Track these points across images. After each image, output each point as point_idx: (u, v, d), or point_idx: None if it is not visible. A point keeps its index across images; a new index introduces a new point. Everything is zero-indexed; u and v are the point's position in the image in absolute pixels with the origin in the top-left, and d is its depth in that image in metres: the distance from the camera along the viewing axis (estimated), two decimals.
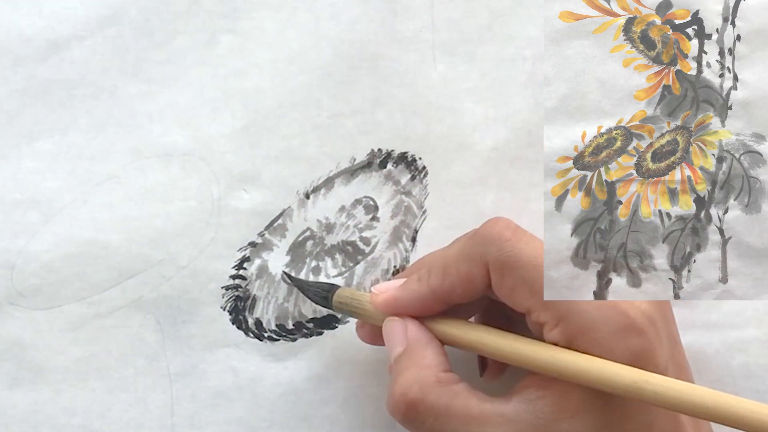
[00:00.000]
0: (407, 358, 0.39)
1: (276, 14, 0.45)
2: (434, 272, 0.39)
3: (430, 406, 0.37)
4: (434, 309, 0.39)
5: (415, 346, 0.39)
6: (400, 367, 0.39)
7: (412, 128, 0.45)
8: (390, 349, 0.40)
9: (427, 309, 0.40)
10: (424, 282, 0.39)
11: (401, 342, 0.39)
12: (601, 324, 0.35)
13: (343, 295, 0.42)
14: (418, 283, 0.40)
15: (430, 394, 0.37)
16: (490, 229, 0.38)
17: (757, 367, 0.45)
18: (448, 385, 0.38)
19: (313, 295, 0.43)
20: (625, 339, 0.35)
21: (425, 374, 0.38)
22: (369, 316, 0.41)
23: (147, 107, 0.44)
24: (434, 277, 0.39)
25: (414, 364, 0.38)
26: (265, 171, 0.44)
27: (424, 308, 0.40)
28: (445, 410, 0.37)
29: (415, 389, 0.37)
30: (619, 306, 0.36)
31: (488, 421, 0.37)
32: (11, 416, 0.43)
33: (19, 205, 0.43)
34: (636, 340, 0.35)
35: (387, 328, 0.40)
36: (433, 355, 0.39)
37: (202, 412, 0.44)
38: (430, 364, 0.38)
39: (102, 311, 0.43)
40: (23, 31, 0.43)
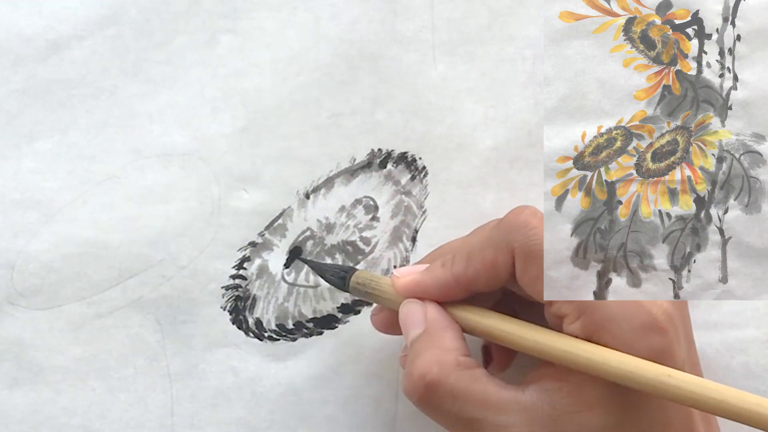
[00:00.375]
0: (427, 339, 0.38)
1: (276, 14, 0.45)
2: (458, 259, 0.39)
3: (450, 388, 0.37)
4: (456, 296, 0.39)
5: (434, 328, 0.39)
6: (419, 348, 0.38)
7: (412, 128, 0.45)
8: (407, 332, 0.39)
9: (449, 295, 0.39)
10: (448, 268, 0.39)
11: (420, 323, 0.39)
12: (623, 320, 0.35)
13: (362, 277, 0.41)
14: (442, 269, 0.39)
15: (450, 376, 0.37)
16: (516, 217, 0.38)
17: (757, 367, 0.45)
18: (469, 369, 0.37)
19: (331, 276, 0.42)
20: (647, 337, 0.35)
21: (445, 356, 0.38)
22: (387, 299, 0.40)
23: (147, 107, 0.44)
24: (458, 264, 0.39)
25: (434, 346, 0.38)
26: (265, 171, 0.44)
27: (446, 294, 0.39)
28: (464, 393, 0.37)
29: (435, 370, 0.37)
30: (641, 303, 0.36)
31: (506, 408, 0.36)
32: (11, 416, 0.43)
33: (19, 205, 0.43)
34: (657, 338, 0.35)
35: (405, 309, 0.40)
36: (453, 338, 0.38)
37: (202, 412, 0.44)
38: (450, 347, 0.38)
39: (102, 311, 0.43)
40: (23, 31, 0.43)
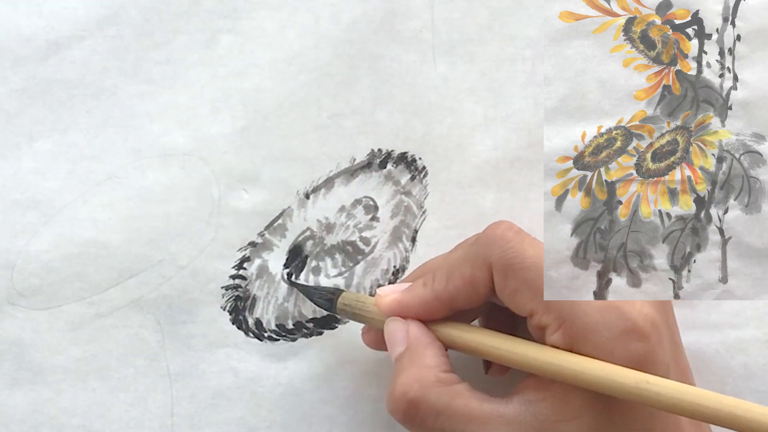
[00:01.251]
0: (408, 357, 0.39)
1: (276, 14, 0.45)
2: (438, 276, 0.39)
3: (431, 405, 0.37)
4: (438, 313, 0.39)
5: (416, 346, 0.39)
6: (401, 366, 0.39)
7: (412, 128, 0.45)
8: (391, 350, 0.40)
9: (431, 313, 0.39)
10: (429, 286, 0.39)
11: (402, 342, 0.39)
12: (603, 327, 0.35)
13: (348, 298, 0.42)
14: (423, 288, 0.40)
15: (430, 393, 0.37)
16: (492, 232, 0.38)
17: (757, 367, 0.45)
18: (449, 385, 0.38)
19: (318, 298, 0.43)
20: (627, 343, 0.35)
21: (425, 374, 0.38)
22: (372, 319, 0.41)
23: (147, 107, 0.44)
24: (438, 281, 0.39)
25: (414, 364, 0.38)
26: (265, 171, 0.44)
27: (428, 312, 0.39)
28: (446, 409, 0.37)
29: (416, 388, 0.37)
30: (621, 309, 0.36)
31: (489, 421, 0.37)
32: (11, 416, 0.43)
33: (19, 205, 0.43)
34: (638, 344, 0.35)
35: (389, 328, 0.40)
36: (433, 356, 0.39)
37: (202, 412, 0.44)
38: (431, 364, 0.38)
39: (102, 311, 0.43)
40: (23, 31, 0.43)
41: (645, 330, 0.35)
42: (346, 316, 0.43)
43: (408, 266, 0.45)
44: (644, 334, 0.35)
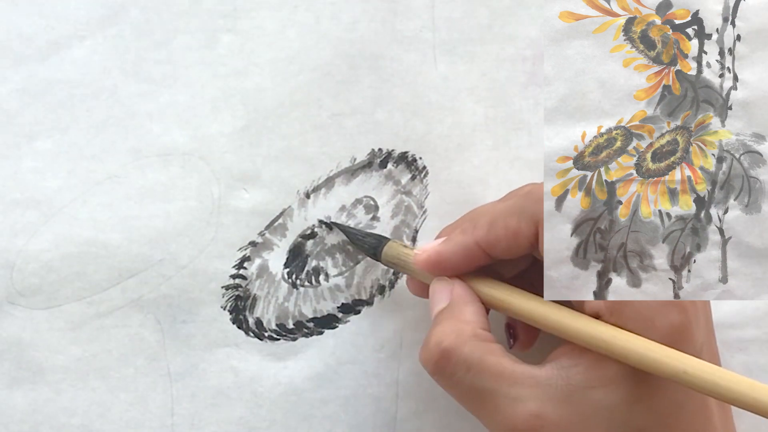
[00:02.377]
0: (448, 311, 0.39)
1: (276, 13, 0.45)
2: (480, 224, 0.40)
3: (464, 357, 0.37)
4: (477, 261, 0.40)
5: (457, 302, 0.39)
6: (439, 319, 0.39)
7: (413, 128, 0.45)
8: (433, 307, 0.40)
9: (469, 261, 0.40)
10: (469, 233, 0.40)
11: (445, 299, 0.40)
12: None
13: (394, 248, 0.42)
14: (462, 235, 0.40)
15: (465, 345, 0.37)
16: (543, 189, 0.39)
17: (756, 367, 0.45)
18: (484, 341, 0.38)
19: (363, 244, 0.43)
20: (667, 313, 0.36)
21: (463, 327, 0.38)
22: (416, 273, 0.42)
23: (147, 107, 0.44)
24: (480, 229, 0.39)
25: (453, 317, 0.39)
26: (266, 171, 0.44)
27: (466, 260, 0.40)
28: (478, 364, 0.37)
29: (452, 338, 0.38)
30: None
31: (519, 381, 0.37)
32: (11, 416, 0.43)
33: (19, 205, 0.43)
34: (677, 316, 0.36)
35: (433, 287, 0.41)
36: (473, 312, 0.39)
37: (202, 412, 0.44)
38: (470, 320, 0.39)
39: (102, 311, 0.43)
40: (23, 31, 0.43)
41: (685, 304, 0.36)
42: (388, 266, 0.43)
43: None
44: (684, 308, 0.36)
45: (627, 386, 0.36)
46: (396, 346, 0.45)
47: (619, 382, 0.36)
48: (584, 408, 0.36)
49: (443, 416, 0.46)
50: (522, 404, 0.36)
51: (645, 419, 0.36)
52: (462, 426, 0.46)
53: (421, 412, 0.45)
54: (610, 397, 0.36)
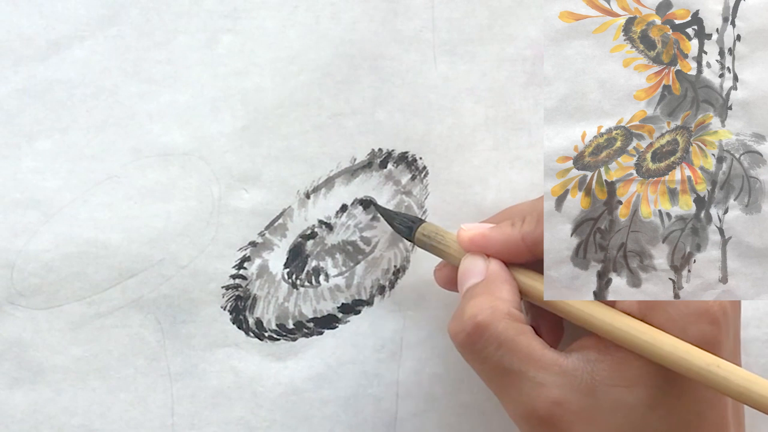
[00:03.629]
0: (484, 286, 0.39)
1: (276, 14, 0.45)
2: (529, 219, 0.40)
3: (497, 334, 0.37)
4: (520, 256, 0.40)
5: (493, 279, 0.39)
6: (475, 292, 0.39)
7: (413, 128, 0.45)
8: (464, 281, 0.40)
9: (512, 254, 0.40)
10: (517, 227, 0.40)
11: (480, 273, 0.40)
12: (680, 302, 0.36)
13: (428, 230, 0.42)
14: (510, 227, 0.40)
15: (499, 322, 0.37)
16: None
17: (757, 367, 0.45)
18: (518, 322, 0.38)
19: (398, 224, 0.43)
20: (699, 323, 0.36)
21: (499, 304, 0.38)
22: (450, 254, 0.41)
23: (147, 107, 0.44)
24: (528, 224, 0.40)
25: (490, 293, 0.39)
26: (266, 171, 0.44)
27: (510, 253, 0.40)
28: (509, 342, 0.37)
29: (487, 313, 0.38)
30: None
31: (547, 367, 0.37)
32: (11, 416, 0.43)
33: (19, 205, 0.43)
34: (709, 326, 0.36)
35: (467, 261, 0.40)
36: (509, 290, 0.39)
37: (202, 412, 0.44)
38: (506, 298, 0.38)
39: (102, 311, 0.43)
40: (23, 31, 0.43)
41: (717, 315, 0.36)
42: (422, 247, 0.42)
43: (408, 266, 0.45)
44: (716, 319, 0.36)
45: (649, 389, 0.36)
46: (396, 346, 0.45)
47: (643, 384, 0.36)
48: (605, 404, 0.36)
49: (443, 416, 0.46)
50: (546, 389, 0.37)
51: (662, 424, 0.37)
52: (462, 426, 0.46)
53: (421, 412, 0.45)
54: (632, 397, 0.36)
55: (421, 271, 0.45)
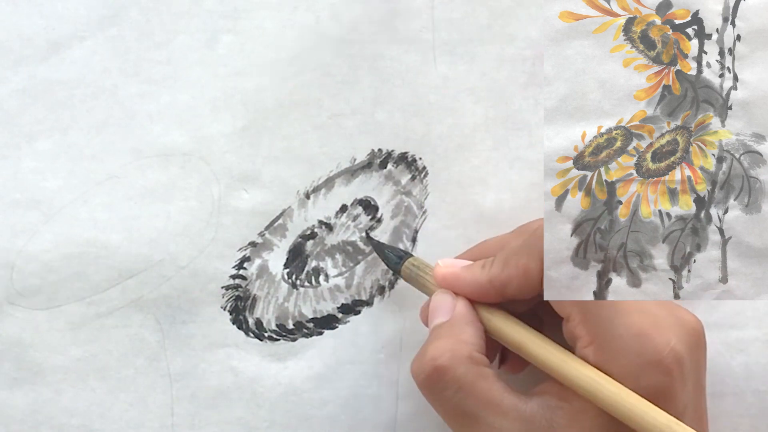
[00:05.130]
0: (447, 328, 0.39)
1: (276, 14, 0.45)
2: (496, 262, 0.40)
3: (456, 377, 0.37)
4: (489, 297, 0.40)
5: (458, 320, 0.39)
6: (438, 334, 0.39)
7: (412, 128, 0.45)
8: (432, 318, 0.40)
9: (482, 296, 0.40)
10: (486, 270, 0.40)
11: (446, 313, 0.40)
12: (633, 354, 0.36)
13: (415, 262, 0.43)
14: (481, 270, 0.40)
15: (459, 365, 0.37)
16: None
17: (757, 367, 0.45)
18: (479, 365, 0.38)
19: (388, 253, 0.43)
20: (651, 374, 0.36)
21: (460, 347, 0.38)
22: (428, 288, 0.42)
23: (147, 107, 0.44)
24: (495, 267, 0.40)
25: (452, 335, 0.39)
26: (266, 171, 0.44)
27: (479, 294, 0.40)
28: (468, 387, 0.37)
29: (447, 356, 0.38)
30: (654, 341, 0.36)
31: (505, 413, 0.37)
32: (11, 416, 0.43)
33: (19, 205, 0.43)
34: (661, 377, 0.36)
35: (437, 297, 0.41)
36: (473, 334, 0.39)
37: (202, 412, 0.44)
38: (468, 341, 0.39)
39: (102, 311, 0.43)
40: (23, 31, 0.43)
41: (669, 366, 0.36)
42: (406, 279, 0.43)
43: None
44: (668, 370, 0.36)
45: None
46: (396, 346, 0.45)
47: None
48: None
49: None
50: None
51: None
52: None
53: (421, 412, 0.45)
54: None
55: None
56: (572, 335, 0.38)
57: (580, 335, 0.37)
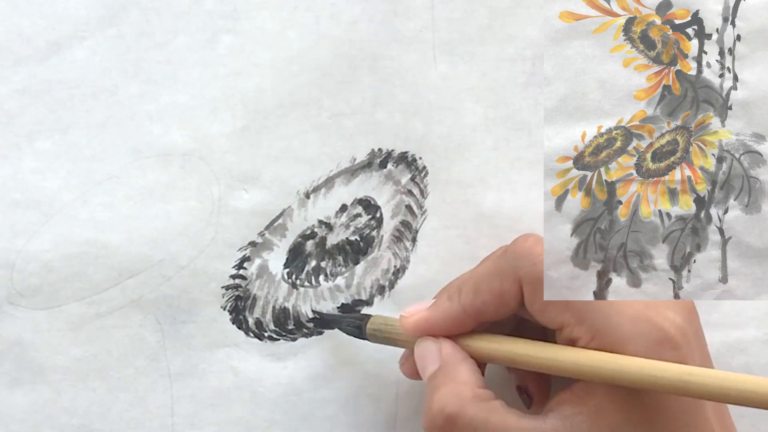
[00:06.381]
0: (442, 374, 0.39)
1: (276, 14, 0.45)
2: (465, 290, 0.39)
3: (469, 420, 0.37)
4: (465, 327, 0.39)
5: (449, 363, 0.39)
6: (436, 383, 0.39)
7: (412, 128, 0.45)
8: (423, 369, 0.40)
9: (458, 327, 0.39)
10: (455, 300, 0.39)
11: (436, 360, 0.39)
12: (637, 338, 0.36)
13: (377, 323, 0.42)
14: (449, 302, 0.40)
15: (468, 408, 0.37)
16: (521, 245, 0.38)
17: (757, 367, 0.45)
18: (486, 401, 0.38)
19: (346, 326, 0.43)
20: (661, 352, 0.35)
21: (462, 389, 0.38)
22: (404, 341, 0.41)
23: (147, 107, 0.44)
24: (465, 295, 0.39)
25: (450, 380, 0.38)
26: (266, 171, 0.44)
27: (455, 327, 0.39)
28: (483, 425, 0.37)
29: (453, 403, 0.37)
30: (653, 320, 0.36)
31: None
32: (11, 416, 0.43)
33: (19, 205, 0.43)
34: (671, 353, 0.36)
35: (420, 348, 0.40)
36: (468, 372, 0.39)
37: (202, 412, 0.44)
38: (466, 381, 0.38)
39: (102, 311, 0.43)
40: (23, 31, 0.43)
41: (677, 340, 0.36)
42: (377, 341, 0.42)
43: (408, 266, 0.45)
44: (677, 344, 0.36)
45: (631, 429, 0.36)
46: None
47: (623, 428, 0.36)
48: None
49: None
50: None
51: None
52: None
53: (420, 412, 0.45)
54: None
55: (421, 271, 0.45)
56: (569, 340, 0.37)
57: (578, 336, 0.37)
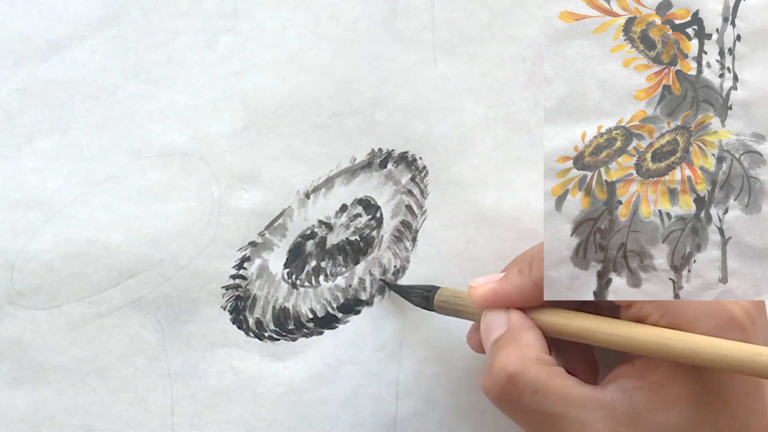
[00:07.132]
0: (508, 337, 0.39)
1: (276, 14, 0.45)
2: (536, 264, 0.40)
3: (530, 381, 0.37)
4: (534, 301, 0.40)
5: (516, 329, 0.39)
6: (500, 344, 0.39)
7: (412, 128, 0.45)
8: (488, 336, 0.40)
9: (527, 301, 0.40)
10: (526, 273, 0.40)
11: (502, 326, 0.40)
12: (706, 318, 0.36)
13: (444, 295, 0.42)
14: (519, 275, 0.40)
15: (530, 369, 0.37)
16: None
17: None
18: (549, 365, 0.38)
19: (415, 297, 0.43)
20: (728, 334, 0.36)
21: (526, 351, 0.38)
22: (471, 313, 0.41)
23: (147, 107, 0.44)
24: (536, 269, 0.40)
25: (515, 343, 0.39)
26: (266, 171, 0.44)
27: (524, 300, 0.40)
28: (544, 387, 0.37)
29: (516, 363, 0.38)
30: (722, 302, 0.37)
31: (586, 404, 0.37)
32: (11, 416, 0.43)
33: (19, 205, 0.43)
34: (739, 335, 0.36)
35: (488, 316, 0.40)
36: (534, 337, 0.39)
37: (202, 412, 0.44)
38: (532, 344, 0.39)
39: (102, 311, 0.43)
40: (23, 31, 0.43)
41: (745, 323, 0.36)
42: (444, 313, 0.43)
43: (408, 266, 0.45)
44: (744, 327, 0.36)
45: (691, 408, 0.36)
46: (396, 346, 0.45)
47: (683, 403, 0.36)
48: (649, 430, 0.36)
49: (443, 416, 0.46)
50: (589, 427, 0.36)
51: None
52: (462, 426, 0.46)
53: (421, 412, 0.45)
54: (674, 419, 0.36)
55: (421, 271, 0.45)
56: (637, 317, 0.38)
57: (648, 313, 0.37)
